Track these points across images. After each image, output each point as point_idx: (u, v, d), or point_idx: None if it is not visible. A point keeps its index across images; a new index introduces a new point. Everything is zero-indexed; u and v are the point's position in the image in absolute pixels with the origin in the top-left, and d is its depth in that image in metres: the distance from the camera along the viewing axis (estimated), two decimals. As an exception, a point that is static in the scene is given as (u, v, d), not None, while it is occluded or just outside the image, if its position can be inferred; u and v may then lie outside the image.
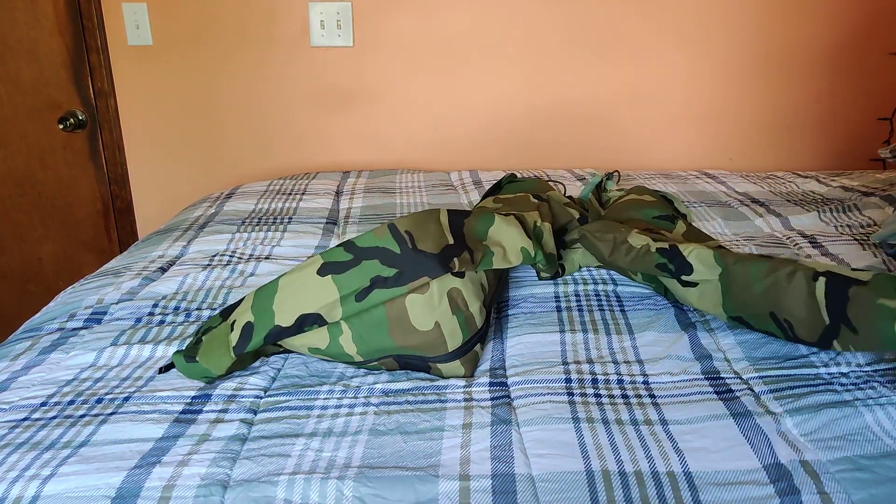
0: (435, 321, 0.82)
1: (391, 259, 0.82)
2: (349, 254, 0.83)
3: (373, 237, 0.84)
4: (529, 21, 1.91)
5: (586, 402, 0.77)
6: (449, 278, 0.83)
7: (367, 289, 0.80)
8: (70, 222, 2.08)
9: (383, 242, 0.83)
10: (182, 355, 0.82)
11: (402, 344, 0.82)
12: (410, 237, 0.84)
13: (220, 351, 0.81)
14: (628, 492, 0.63)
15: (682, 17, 1.91)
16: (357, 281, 0.81)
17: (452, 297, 0.83)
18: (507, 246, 0.93)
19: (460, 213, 0.92)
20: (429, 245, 0.84)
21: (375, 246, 0.83)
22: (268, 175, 2.05)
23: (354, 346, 0.82)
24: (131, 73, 1.95)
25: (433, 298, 0.82)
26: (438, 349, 0.82)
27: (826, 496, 0.62)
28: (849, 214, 1.37)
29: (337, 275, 0.82)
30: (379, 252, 0.83)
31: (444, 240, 0.86)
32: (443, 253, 0.84)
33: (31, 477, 0.65)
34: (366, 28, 1.91)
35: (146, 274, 1.14)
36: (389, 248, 0.83)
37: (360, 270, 0.82)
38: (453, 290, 0.83)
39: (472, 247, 0.88)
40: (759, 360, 0.85)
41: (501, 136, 2.03)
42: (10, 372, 0.85)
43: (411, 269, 0.81)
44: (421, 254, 0.82)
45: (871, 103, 2.02)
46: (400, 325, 0.82)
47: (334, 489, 0.64)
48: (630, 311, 1.00)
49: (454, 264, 0.83)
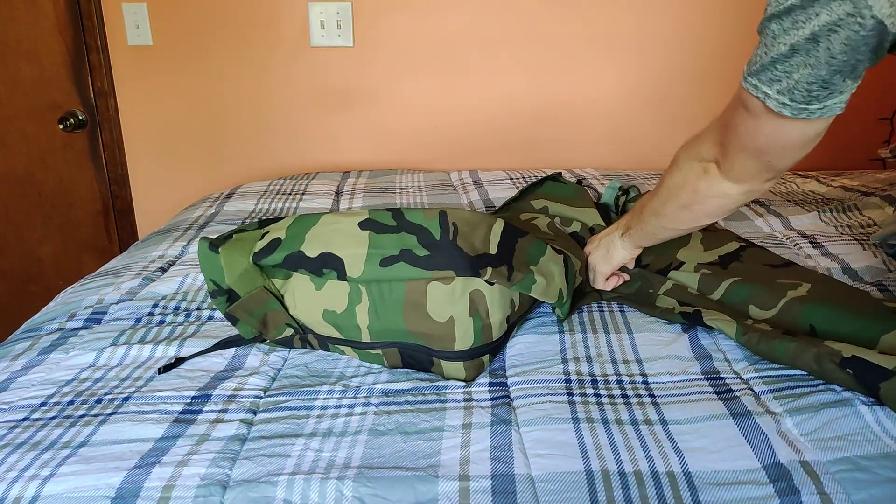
0: (450, 315, 0.82)
1: (428, 241, 0.83)
2: (394, 221, 0.85)
3: (422, 216, 0.86)
4: (530, 21, 1.91)
5: (586, 402, 0.77)
6: (476, 281, 0.83)
7: (395, 258, 0.81)
8: (70, 222, 2.08)
9: (429, 224, 0.85)
10: (207, 242, 0.85)
11: (412, 329, 0.83)
12: (455, 230, 0.85)
13: (242, 251, 0.86)
14: (628, 492, 0.63)
15: (682, 17, 1.91)
16: (390, 246, 0.82)
17: (473, 300, 0.83)
18: (550, 281, 0.91)
19: (517, 231, 0.91)
20: (467, 245, 0.84)
21: (420, 224, 0.84)
22: (268, 175, 2.05)
23: (367, 318, 0.83)
24: (131, 73, 1.95)
25: (455, 293, 0.82)
26: (446, 344, 0.82)
27: (826, 496, 0.62)
28: (849, 214, 1.37)
29: (374, 233, 0.83)
30: (420, 230, 0.84)
31: (485, 247, 0.86)
32: (477, 258, 0.84)
33: (31, 477, 0.65)
34: (366, 28, 1.91)
35: (146, 274, 1.14)
36: (431, 231, 0.84)
37: (396, 238, 0.83)
38: (476, 292, 0.83)
39: (516, 266, 0.87)
40: (759, 360, 0.85)
41: (502, 136, 2.03)
42: (9, 372, 0.86)
43: (442, 258, 0.82)
44: (456, 248, 0.83)
45: (871, 103, 2.02)
46: (416, 310, 0.82)
47: (334, 489, 0.64)
48: (629, 310, 1.00)
49: (486, 272, 0.83)
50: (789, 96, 0.64)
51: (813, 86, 0.63)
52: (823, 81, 0.63)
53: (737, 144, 0.75)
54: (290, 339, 0.90)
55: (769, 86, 0.65)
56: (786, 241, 1.26)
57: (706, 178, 0.83)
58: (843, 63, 0.61)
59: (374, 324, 0.83)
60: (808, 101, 0.64)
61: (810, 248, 1.21)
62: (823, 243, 1.23)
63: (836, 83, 0.63)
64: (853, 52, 0.60)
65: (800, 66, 0.62)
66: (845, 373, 0.76)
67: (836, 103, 0.65)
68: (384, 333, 0.84)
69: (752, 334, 0.86)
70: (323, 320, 0.85)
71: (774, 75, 0.64)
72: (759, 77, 0.66)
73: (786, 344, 0.82)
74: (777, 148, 0.71)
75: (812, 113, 0.65)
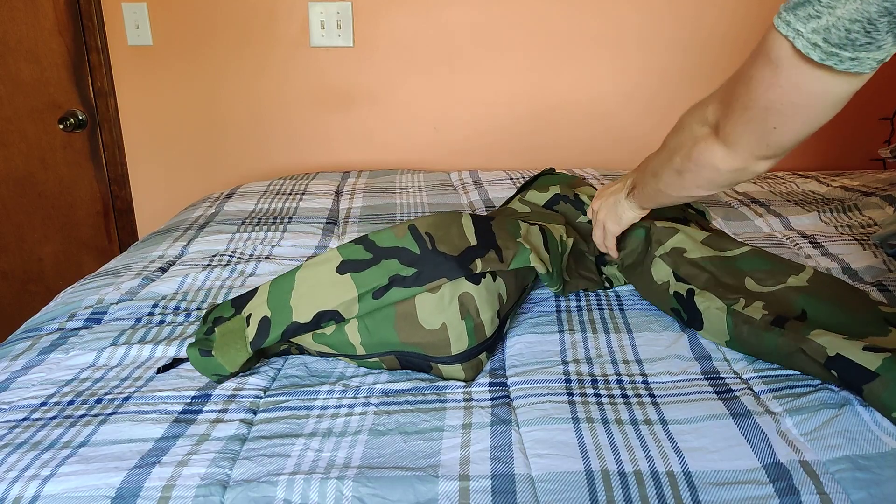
0: (442, 322, 0.82)
1: (410, 259, 0.83)
2: (369, 253, 0.84)
3: (393, 236, 0.85)
4: (530, 21, 1.91)
5: (586, 402, 0.77)
6: (462, 283, 0.83)
7: (385, 287, 0.81)
8: (70, 222, 2.08)
9: (403, 242, 0.84)
10: (196, 349, 0.81)
11: (406, 340, 0.82)
12: (430, 238, 0.85)
13: (236, 346, 0.82)
14: (628, 492, 0.63)
15: (685, 16, 1.91)
16: (376, 279, 0.82)
17: (463, 303, 0.83)
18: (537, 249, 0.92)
19: (486, 217, 0.92)
20: (448, 247, 0.84)
21: (395, 246, 0.84)
22: (268, 175, 2.05)
23: (359, 336, 0.83)
24: (131, 73, 1.95)
25: (443, 299, 0.82)
26: (442, 350, 0.82)
27: (825, 496, 0.62)
28: (849, 214, 1.37)
29: (356, 273, 0.82)
30: (398, 252, 0.83)
31: (465, 242, 0.86)
32: (463, 255, 0.84)
33: (31, 477, 0.65)
34: (366, 28, 1.91)
35: (146, 274, 1.15)
36: (409, 249, 0.83)
37: (379, 269, 0.82)
38: (465, 295, 0.83)
39: (503, 246, 0.87)
40: (759, 360, 0.85)
41: (502, 136, 2.03)
42: (9, 372, 0.86)
43: (430, 269, 0.82)
44: (440, 255, 0.83)
45: (872, 103, 2.02)
46: (407, 321, 0.82)
47: (334, 489, 0.64)
48: (629, 310, 1.00)
49: (475, 265, 0.83)
50: (824, 35, 0.58)
51: (855, 25, 0.57)
52: (868, 22, 0.56)
53: (745, 100, 0.68)
54: (288, 350, 0.90)
55: (804, 22, 0.59)
56: (786, 241, 1.26)
57: (701, 144, 0.77)
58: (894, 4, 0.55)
59: (367, 339, 0.83)
60: (843, 46, 0.58)
61: (810, 248, 1.21)
62: (823, 243, 1.23)
63: (880, 30, 0.57)
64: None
65: (848, 0, 0.56)
66: (830, 374, 0.77)
67: (869, 58, 0.59)
68: (378, 346, 0.83)
69: (741, 328, 0.86)
70: (314, 342, 0.85)
71: (815, 10, 0.58)
72: (794, 12, 0.59)
73: (775, 340, 0.82)
74: (788, 106, 0.65)
75: (842, 61, 0.59)
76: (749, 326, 0.85)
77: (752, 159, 0.73)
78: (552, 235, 0.98)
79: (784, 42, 0.61)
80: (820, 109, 0.64)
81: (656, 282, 0.99)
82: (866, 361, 0.74)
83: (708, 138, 0.76)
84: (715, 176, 0.78)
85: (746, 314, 0.86)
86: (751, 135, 0.70)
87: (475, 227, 0.90)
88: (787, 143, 0.69)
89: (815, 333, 0.79)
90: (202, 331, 0.86)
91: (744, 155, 0.73)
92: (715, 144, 0.75)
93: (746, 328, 0.85)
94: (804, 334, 0.80)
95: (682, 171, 0.82)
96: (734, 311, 0.87)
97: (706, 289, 0.92)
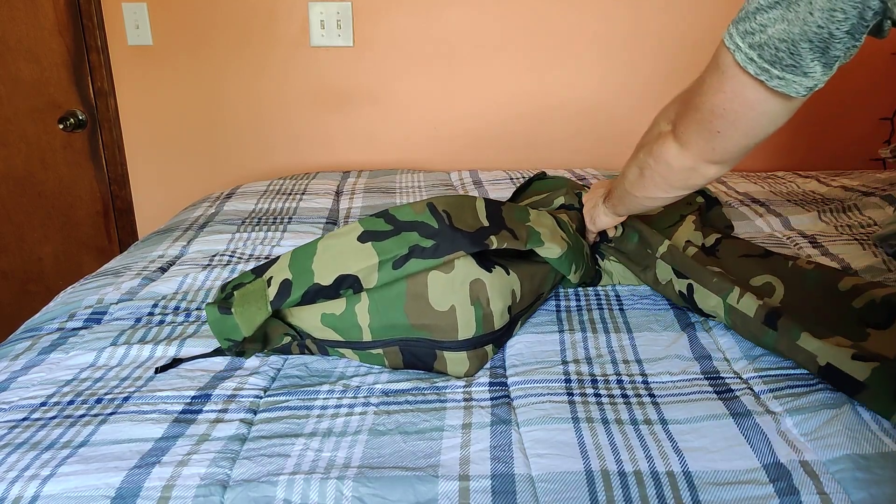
0: (452, 304, 0.83)
1: (430, 232, 0.84)
2: (389, 225, 0.85)
3: (412, 212, 0.86)
4: (530, 21, 1.91)
5: (586, 401, 0.77)
6: (474, 269, 0.84)
7: (405, 256, 0.82)
8: (70, 222, 2.08)
9: (422, 218, 0.85)
10: (216, 307, 0.82)
11: (414, 322, 0.83)
12: (448, 216, 0.86)
13: (256, 305, 0.82)
14: (628, 492, 0.63)
15: (683, 17, 1.91)
16: (396, 248, 0.82)
17: (474, 289, 0.84)
18: (553, 231, 0.94)
19: (496, 201, 0.94)
20: (463, 226, 0.85)
21: (414, 220, 0.85)
22: (268, 175, 2.05)
23: (369, 316, 0.83)
24: (131, 73, 1.95)
25: (455, 281, 0.83)
26: (449, 334, 0.83)
27: (825, 496, 0.62)
28: (849, 214, 1.37)
29: (377, 241, 0.83)
30: (418, 226, 0.84)
31: (478, 223, 0.88)
32: (478, 233, 0.86)
33: (31, 477, 0.65)
34: (366, 28, 1.91)
35: (146, 274, 1.15)
36: (428, 223, 0.85)
37: (399, 239, 0.83)
38: (477, 282, 0.84)
39: (513, 227, 0.90)
40: (758, 360, 0.85)
41: (501, 136, 2.03)
42: (9, 372, 0.86)
43: (448, 243, 0.83)
44: (458, 231, 0.84)
45: (872, 103, 2.02)
46: (417, 302, 0.83)
47: (334, 489, 0.64)
48: (629, 310, 1.00)
49: (491, 241, 0.85)
50: (758, 52, 0.62)
51: (782, 44, 0.61)
52: (793, 43, 0.60)
53: (697, 102, 0.72)
54: (288, 346, 0.90)
55: (743, 38, 0.63)
56: (786, 241, 1.26)
57: (661, 140, 0.81)
58: (817, 29, 0.58)
59: (376, 321, 0.83)
60: (773, 63, 0.62)
61: (810, 248, 1.21)
62: (823, 243, 1.23)
63: (803, 55, 0.60)
64: (830, 17, 0.57)
65: (777, 21, 0.60)
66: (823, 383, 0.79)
67: (795, 82, 0.62)
68: (386, 330, 0.84)
69: (738, 325, 0.89)
70: (321, 324, 0.85)
71: (752, 27, 0.62)
72: (737, 26, 0.64)
73: (769, 342, 0.85)
74: (730, 113, 0.68)
75: (771, 78, 0.62)
76: (745, 324, 0.88)
77: (702, 161, 0.77)
78: (564, 221, 1.01)
79: (727, 53, 0.65)
80: (757, 121, 0.68)
81: (661, 282, 1.02)
82: (856, 372, 0.75)
83: (668, 135, 0.80)
84: (668, 173, 0.81)
85: (742, 311, 0.88)
86: (699, 136, 0.74)
87: (487, 210, 0.92)
88: (731, 149, 0.72)
89: (806, 338, 0.80)
90: (220, 297, 0.87)
91: (694, 155, 0.77)
92: (671, 141, 0.79)
93: (742, 325, 0.88)
94: (794, 337, 0.81)
95: (643, 168, 0.85)
96: (729, 306, 0.90)
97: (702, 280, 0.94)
